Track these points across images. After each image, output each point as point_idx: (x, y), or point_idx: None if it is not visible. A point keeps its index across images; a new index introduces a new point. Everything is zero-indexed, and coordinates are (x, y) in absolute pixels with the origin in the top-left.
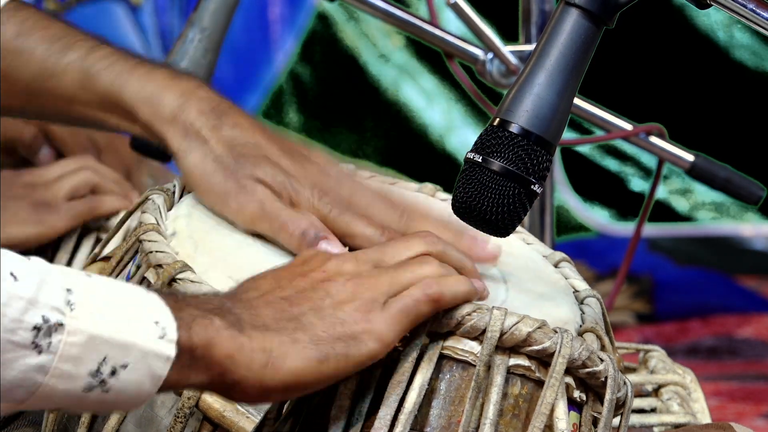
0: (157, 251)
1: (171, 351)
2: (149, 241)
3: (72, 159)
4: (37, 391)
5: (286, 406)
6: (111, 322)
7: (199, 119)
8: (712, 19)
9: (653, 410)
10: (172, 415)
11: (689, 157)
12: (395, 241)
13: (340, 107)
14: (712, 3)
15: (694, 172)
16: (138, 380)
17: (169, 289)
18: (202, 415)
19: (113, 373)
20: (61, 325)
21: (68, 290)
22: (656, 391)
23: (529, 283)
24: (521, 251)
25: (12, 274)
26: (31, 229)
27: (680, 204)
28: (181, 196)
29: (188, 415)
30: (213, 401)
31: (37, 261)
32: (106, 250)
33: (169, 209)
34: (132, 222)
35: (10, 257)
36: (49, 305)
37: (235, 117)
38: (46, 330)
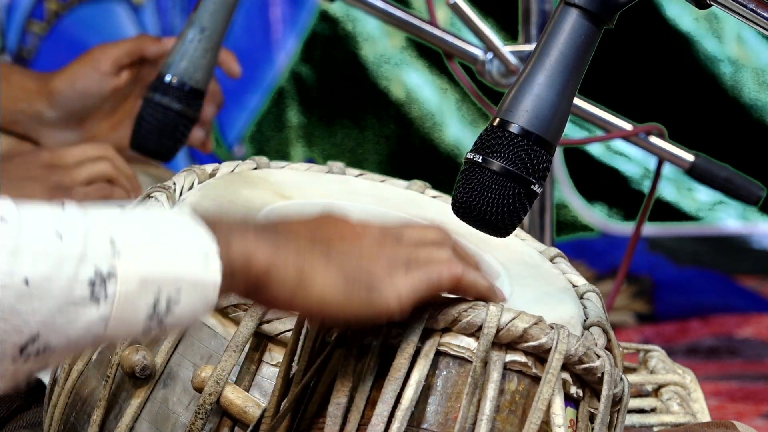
0: None
1: (218, 277)
2: None
3: (92, 146)
4: (101, 341)
5: (283, 403)
6: (157, 262)
7: None
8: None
9: (653, 410)
10: (189, 411)
11: (689, 157)
12: (413, 226)
13: (341, 107)
14: (712, 3)
15: (694, 172)
16: (192, 311)
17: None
18: (222, 412)
19: (168, 310)
20: (113, 274)
21: (111, 240)
22: (656, 391)
23: (530, 279)
24: (518, 247)
25: (57, 233)
26: None
27: (682, 203)
28: (180, 194)
29: (209, 412)
30: (234, 397)
31: (73, 211)
32: None
33: (172, 207)
34: None
35: (49, 215)
36: (98, 256)
37: None
38: (100, 281)
